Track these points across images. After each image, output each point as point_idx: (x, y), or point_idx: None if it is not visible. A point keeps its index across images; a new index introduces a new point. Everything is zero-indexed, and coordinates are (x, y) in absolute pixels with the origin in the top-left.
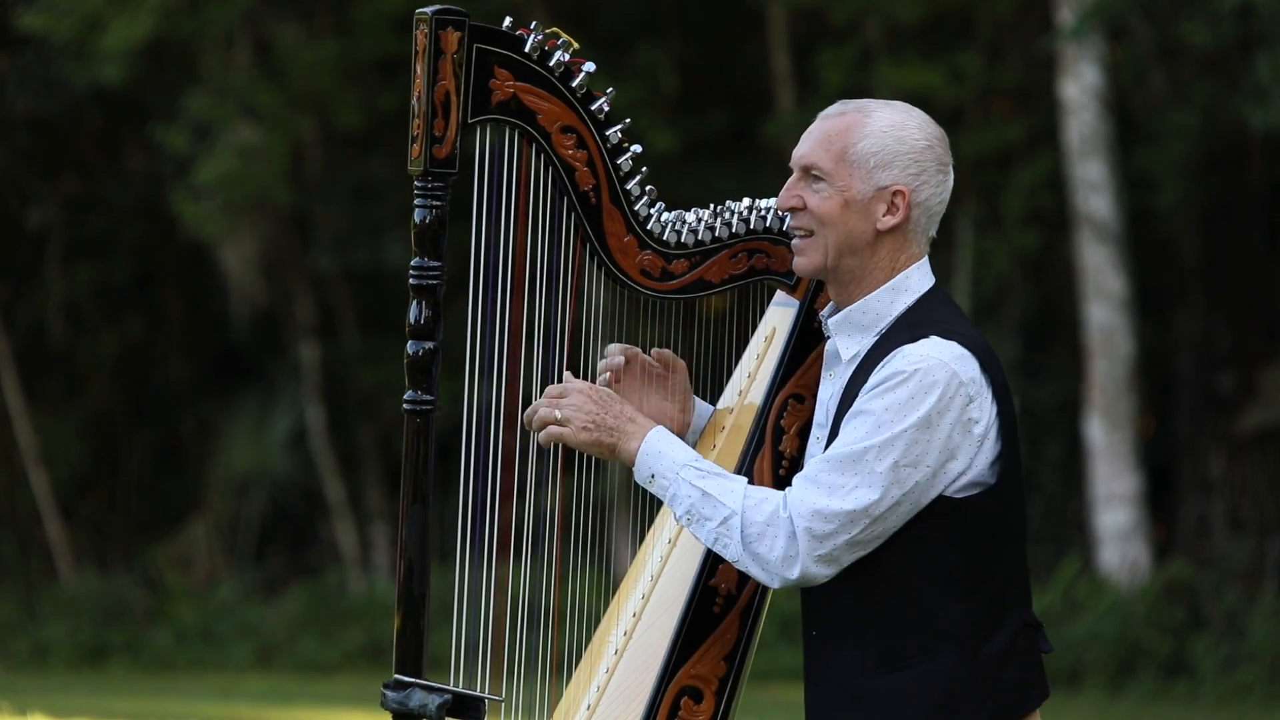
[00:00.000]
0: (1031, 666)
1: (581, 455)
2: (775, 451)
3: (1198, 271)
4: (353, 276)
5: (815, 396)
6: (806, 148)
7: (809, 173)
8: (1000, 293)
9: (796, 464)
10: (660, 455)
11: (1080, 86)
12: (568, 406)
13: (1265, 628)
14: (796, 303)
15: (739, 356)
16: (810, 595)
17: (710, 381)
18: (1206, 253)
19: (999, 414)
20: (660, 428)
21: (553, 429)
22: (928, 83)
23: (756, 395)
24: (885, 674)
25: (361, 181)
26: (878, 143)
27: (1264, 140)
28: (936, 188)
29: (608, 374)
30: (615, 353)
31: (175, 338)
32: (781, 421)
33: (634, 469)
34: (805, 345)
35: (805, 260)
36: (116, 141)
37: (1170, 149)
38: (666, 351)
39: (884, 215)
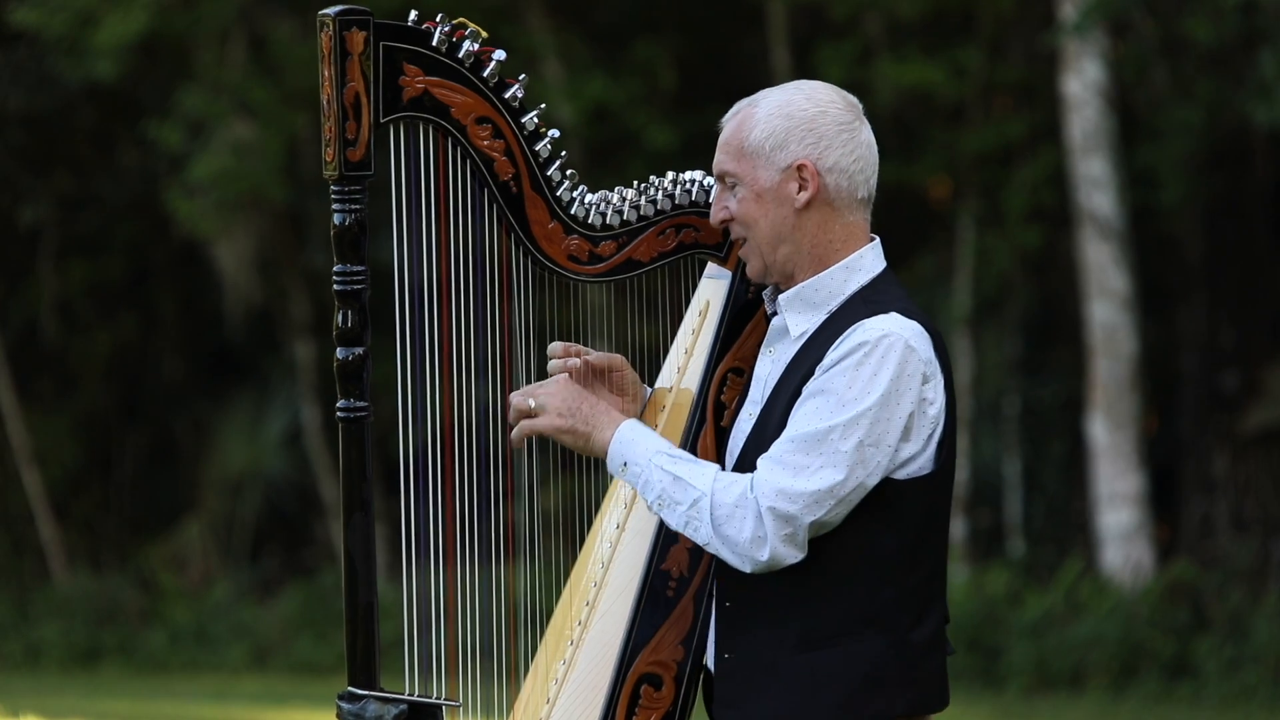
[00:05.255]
0: (943, 664)
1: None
2: (718, 428)
3: (1201, 269)
4: None
5: (754, 370)
6: (716, 157)
7: (725, 181)
8: (1002, 291)
9: None
10: (633, 443)
11: (1082, 83)
12: (544, 395)
13: (1269, 629)
14: (729, 274)
15: (675, 333)
16: (728, 567)
17: (648, 360)
18: (1210, 250)
19: (946, 402)
20: (634, 419)
21: (525, 423)
22: (929, 79)
23: (695, 372)
24: (805, 651)
25: None
26: (767, 127)
27: (1268, 137)
28: (844, 147)
29: (565, 374)
30: (559, 353)
31: (169, 336)
32: (722, 396)
33: (607, 458)
34: (740, 317)
35: (750, 266)
36: (110, 138)
37: (1173, 146)
38: (602, 356)
39: (798, 193)
